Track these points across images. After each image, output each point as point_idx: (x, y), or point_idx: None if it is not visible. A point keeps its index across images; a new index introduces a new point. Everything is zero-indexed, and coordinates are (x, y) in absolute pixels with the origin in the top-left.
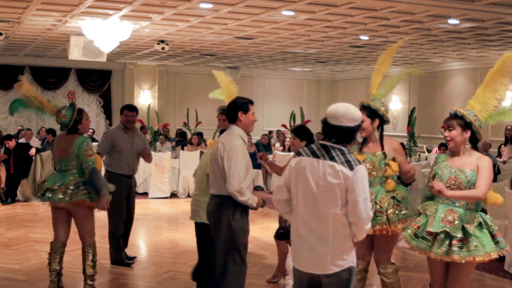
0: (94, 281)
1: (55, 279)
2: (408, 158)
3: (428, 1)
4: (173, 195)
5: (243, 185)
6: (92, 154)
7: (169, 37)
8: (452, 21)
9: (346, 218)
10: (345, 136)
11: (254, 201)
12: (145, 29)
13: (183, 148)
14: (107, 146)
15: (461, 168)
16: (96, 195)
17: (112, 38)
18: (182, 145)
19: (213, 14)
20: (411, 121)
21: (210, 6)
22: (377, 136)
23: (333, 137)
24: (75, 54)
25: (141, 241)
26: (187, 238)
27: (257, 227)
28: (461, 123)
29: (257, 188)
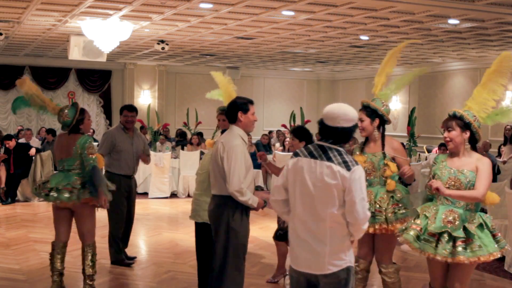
0: (93, 281)
1: (58, 279)
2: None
3: (428, 1)
4: (173, 195)
5: (243, 185)
6: (93, 152)
7: (169, 37)
8: (452, 21)
9: (343, 218)
10: (342, 136)
11: (254, 201)
12: (145, 29)
13: (183, 148)
14: (107, 147)
15: (461, 169)
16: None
17: (112, 38)
18: (182, 145)
19: (213, 14)
20: (411, 121)
21: (210, 6)
22: (376, 135)
23: (330, 138)
24: (75, 54)
25: (141, 241)
26: (187, 238)
27: (257, 227)
28: (460, 124)
29: (257, 188)
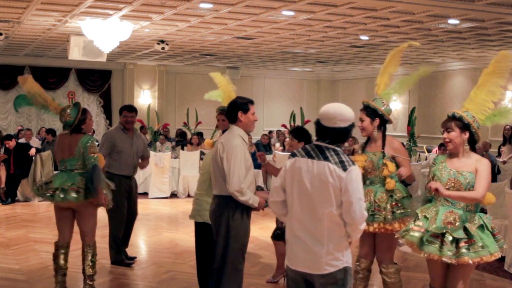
0: (93, 281)
1: (62, 280)
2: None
3: (428, 1)
4: (173, 195)
5: (243, 184)
6: (95, 152)
7: (169, 37)
8: (452, 21)
9: (341, 218)
10: (339, 136)
11: (255, 201)
12: (145, 29)
13: (183, 148)
14: (108, 147)
15: (460, 170)
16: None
17: (112, 38)
18: (182, 145)
19: (213, 14)
20: (411, 121)
21: (210, 6)
22: (376, 135)
23: (327, 138)
24: (75, 54)
25: (141, 241)
26: (187, 238)
27: (257, 227)
28: (460, 125)
29: (257, 188)
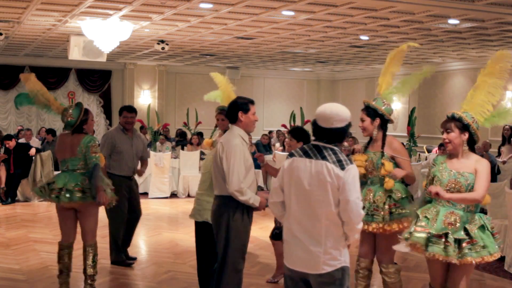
0: (94, 281)
1: (67, 280)
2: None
3: (428, 1)
4: (173, 195)
5: (243, 184)
6: (97, 151)
7: (169, 37)
8: (452, 21)
9: (339, 217)
10: (336, 136)
11: (256, 201)
12: (145, 29)
13: (183, 148)
14: (108, 148)
15: (461, 171)
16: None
17: (112, 38)
18: (182, 145)
19: (213, 14)
20: (411, 121)
21: (210, 6)
22: (377, 135)
23: (324, 138)
24: (75, 54)
25: (141, 241)
26: (187, 238)
27: (257, 227)
28: (459, 125)
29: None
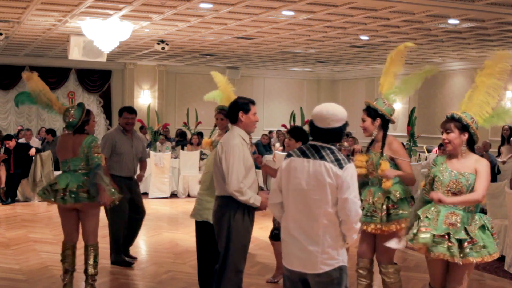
0: (95, 281)
1: (71, 280)
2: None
3: (428, 1)
4: (173, 195)
5: (243, 184)
6: (98, 152)
7: (169, 37)
8: (452, 21)
9: (336, 217)
10: (333, 136)
11: (257, 201)
12: (145, 29)
13: (183, 148)
14: (109, 149)
15: (461, 171)
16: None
17: (112, 38)
18: (182, 145)
19: (213, 14)
20: (411, 121)
21: (210, 6)
22: (378, 135)
23: (321, 138)
24: (75, 54)
25: (141, 241)
26: (187, 238)
27: (257, 227)
28: (459, 126)
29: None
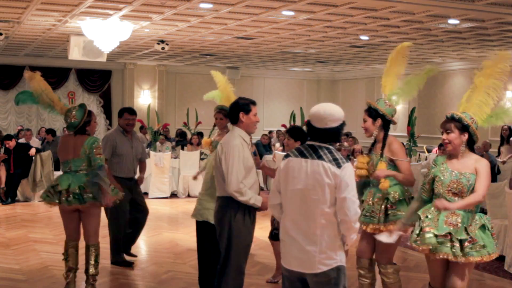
0: (96, 281)
1: (74, 278)
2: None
3: (428, 1)
4: (173, 195)
5: (242, 185)
6: (101, 153)
7: (169, 37)
8: (452, 21)
9: (334, 217)
10: (331, 136)
11: (258, 201)
12: (145, 29)
13: (183, 148)
14: (110, 150)
15: (462, 171)
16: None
17: (112, 38)
18: (182, 145)
19: (213, 14)
20: (411, 121)
21: (210, 6)
22: (379, 135)
23: (319, 139)
24: (75, 54)
25: (141, 241)
26: (187, 238)
27: (257, 227)
28: (459, 126)
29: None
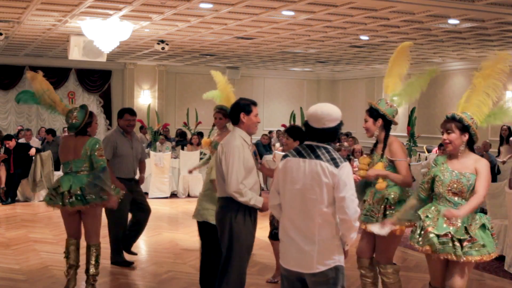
0: (96, 281)
1: (74, 276)
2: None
3: (428, 1)
4: (173, 195)
5: (242, 185)
6: (102, 154)
7: (169, 37)
8: (452, 21)
9: (332, 217)
10: (328, 136)
11: (258, 202)
12: (145, 29)
13: (183, 148)
14: (111, 151)
15: (462, 171)
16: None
17: (112, 38)
18: (182, 145)
19: (213, 14)
20: (411, 121)
21: (210, 6)
22: (380, 136)
23: (316, 139)
24: (75, 54)
25: (141, 241)
26: (187, 238)
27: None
28: (460, 126)
29: None
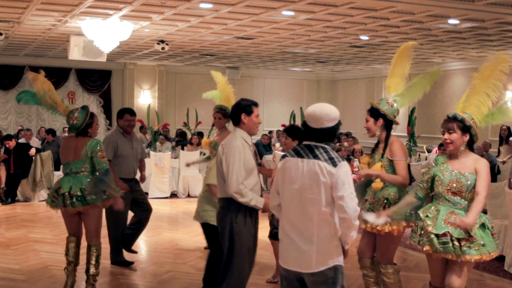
0: (96, 281)
1: (74, 273)
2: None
3: (428, 1)
4: (173, 195)
5: (243, 186)
6: (104, 156)
7: (169, 37)
8: (452, 21)
9: (331, 216)
10: (327, 136)
11: (259, 202)
12: (145, 29)
13: (183, 148)
14: (111, 151)
15: (462, 171)
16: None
17: (112, 38)
18: (182, 145)
19: (213, 14)
20: (411, 121)
21: (210, 6)
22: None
23: (314, 138)
24: (75, 54)
25: (141, 241)
26: (187, 238)
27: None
28: (461, 126)
29: None
